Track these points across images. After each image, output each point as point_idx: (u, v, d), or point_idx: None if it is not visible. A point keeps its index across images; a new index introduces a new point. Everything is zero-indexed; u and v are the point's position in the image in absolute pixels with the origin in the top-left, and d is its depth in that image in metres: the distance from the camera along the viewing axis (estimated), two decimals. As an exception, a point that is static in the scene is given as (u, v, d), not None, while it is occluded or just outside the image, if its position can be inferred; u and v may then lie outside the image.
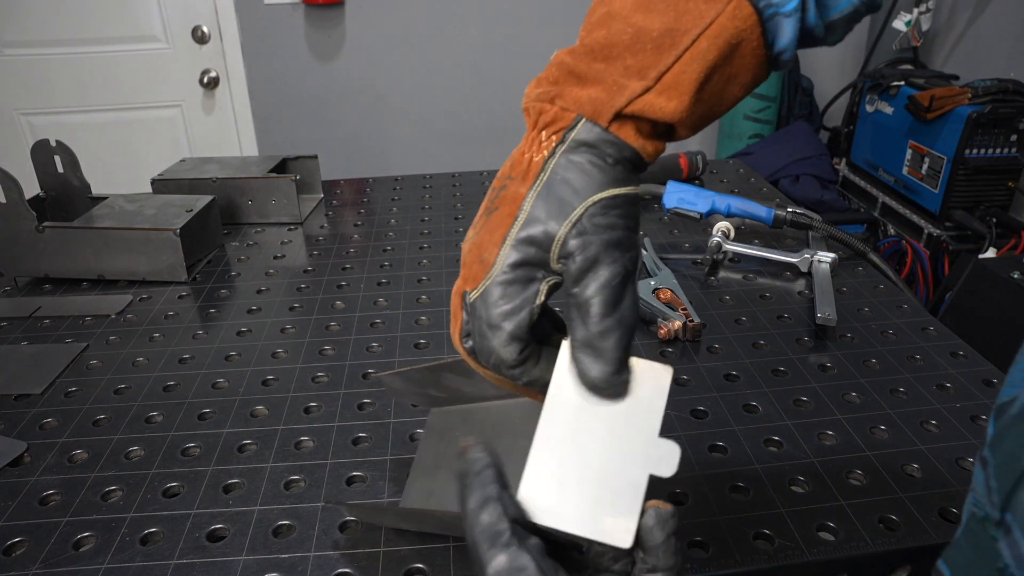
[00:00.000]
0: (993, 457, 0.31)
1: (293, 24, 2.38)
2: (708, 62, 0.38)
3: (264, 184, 1.14)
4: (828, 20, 0.41)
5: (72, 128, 2.32)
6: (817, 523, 0.56)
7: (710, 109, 0.41)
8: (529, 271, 0.39)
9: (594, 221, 0.38)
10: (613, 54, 0.39)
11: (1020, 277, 1.58)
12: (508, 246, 0.39)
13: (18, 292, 0.95)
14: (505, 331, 0.39)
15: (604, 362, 0.37)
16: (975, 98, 2.10)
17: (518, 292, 0.39)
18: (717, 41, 0.38)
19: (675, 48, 0.38)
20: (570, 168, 0.39)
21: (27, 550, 0.55)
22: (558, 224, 0.38)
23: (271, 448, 0.65)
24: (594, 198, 0.38)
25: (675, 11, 0.39)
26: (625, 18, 0.40)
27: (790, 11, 0.39)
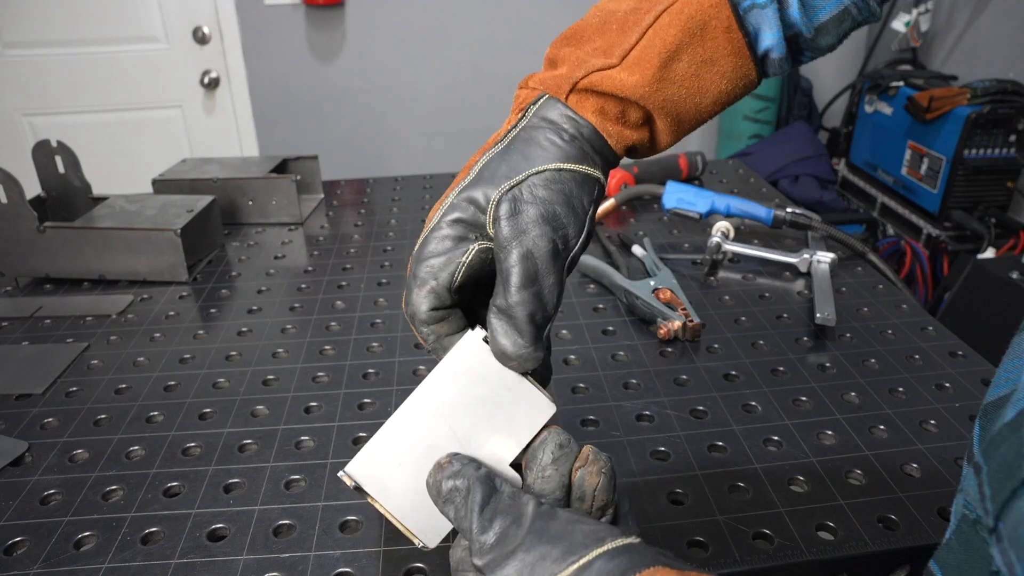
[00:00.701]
0: (986, 463, 0.31)
1: (293, 25, 2.38)
2: (671, 37, 0.38)
3: (265, 184, 1.14)
4: (817, 22, 0.41)
5: (73, 129, 2.33)
6: (816, 523, 0.56)
7: (686, 96, 0.40)
8: (464, 229, 0.39)
9: (533, 191, 0.38)
10: (583, 37, 0.40)
11: (1019, 277, 1.58)
12: (448, 202, 0.39)
13: (19, 292, 0.96)
14: (426, 283, 0.38)
15: (516, 333, 0.37)
16: (974, 99, 2.11)
17: (447, 248, 0.38)
18: (680, 17, 0.38)
19: (638, 25, 0.39)
20: (526, 140, 0.39)
21: (28, 550, 0.55)
22: (498, 186, 0.38)
23: (272, 448, 0.65)
24: (538, 167, 0.38)
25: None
26: (599, 6, 0.41)
27: (765, 1, 0.39)
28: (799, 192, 2.48)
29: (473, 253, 0.38)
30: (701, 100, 0.41)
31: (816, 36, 0.42)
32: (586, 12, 0.43)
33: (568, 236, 0.38)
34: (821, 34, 0.42)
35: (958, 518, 0.34)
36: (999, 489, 0.29)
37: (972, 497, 0.33)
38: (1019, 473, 0.28)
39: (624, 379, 0.74)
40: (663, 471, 0.61)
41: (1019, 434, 0.29)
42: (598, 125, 0.39)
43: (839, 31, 0.42)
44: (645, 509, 0.57)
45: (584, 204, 0.39)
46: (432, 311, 0.39)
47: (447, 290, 0.38)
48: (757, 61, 0.41)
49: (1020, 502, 0.27)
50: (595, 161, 0.39)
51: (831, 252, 0.94)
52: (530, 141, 0.39)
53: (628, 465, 0.62)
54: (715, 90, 0.41)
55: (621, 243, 1.03)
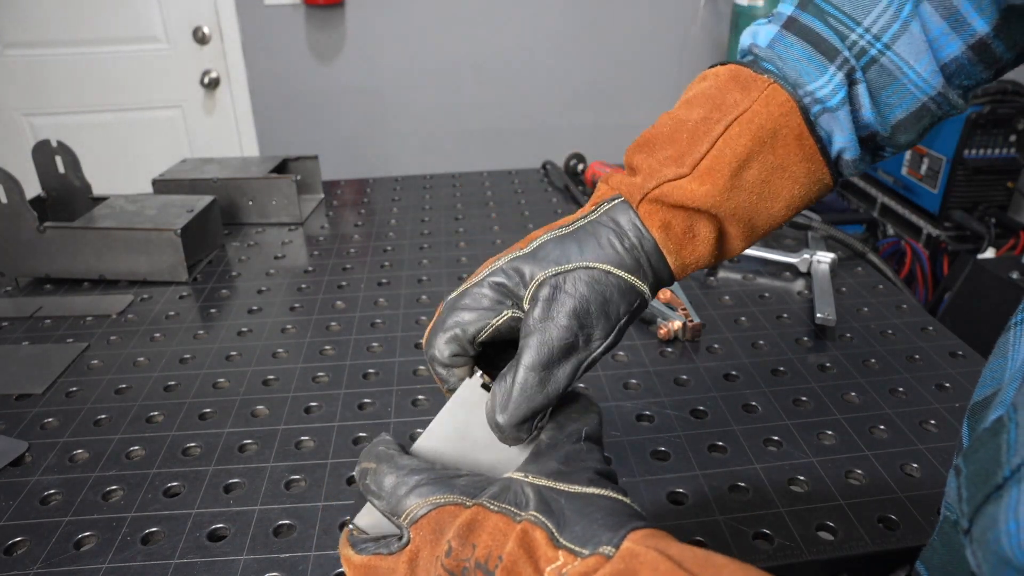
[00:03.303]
0: (966, 467, 0.32)
1: (294, 25, 2.38)
2: (741, 147, 0.38)
3: (265, 184, 1.14)
4: (893, 120, 0.41)
5: (73, 129, 2.32)
6: (817, 523, 0.56)
7: (756, 202, 0.40)
8: (502, 294, 0.40)
9: (575, 284, 0.39)
10: (655, 144, 0.40)
11: (1019, 277, 1.58)
12: (498, 265, 0.40)
13: (19, 292, 0.96)
14: (451, 331, 0.40)
15: (509, 409, 0.37)
16: (974, 98, 2.11)
17: (482, 306, 0.40)
18: (750, 127, 0.38)
19: (709, 135, 0.39)
20: (588, 234, 0.40)
21: (28, 550, 0.55)
22: (545, 269, 0.39)
23: (272, 448, 0.65)
24: (588, 263, 0.39)
25: (712, 103, 0.40)
26: (671, 114, 0.41)
27: (836, 105, 0.39)
28: (799, 192, 2.47)
29: (505, 319, 0.40)
30: (772, 205, 0.41)
31: (894, 134, 0.41)
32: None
33: (592, 337, 0.39)
34: (899, 131, 0.41)
35: (941, 519, 0.35)
36: (975, 493, 0.29)
37: (952, 499, 0.33)
38: (994, 479, 0.28)
39: (624, 379, 0.74)
40: (663, 471, 0.61)
41: (996, 440, 0.29)
42: (660, 241, 0.40)
43: (918, 127, 0.41)
44: (646, 509, 0.57)
45: (619, 312, 0.39)
46: (453, 356, 0.40)
47: (470, 343, 0.40)
48: (831, 164, 0.41)
49: (991, 507, 0.27)
50: (646, 275, 0.40)
51: (831, 252, 0.94)
52: (591, 236, 0.40)
53: (628, 465, 0.62)
54: (787, 195, 0.41)
55: (621, 243, 1.03)
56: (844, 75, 0.39)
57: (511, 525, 0.32)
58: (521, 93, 2.55)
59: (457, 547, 0.32)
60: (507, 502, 0.33)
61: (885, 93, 0.40)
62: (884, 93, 0.40)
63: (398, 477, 0.35)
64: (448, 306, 0.41)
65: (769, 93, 0.39)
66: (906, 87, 0.40)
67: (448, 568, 0.32)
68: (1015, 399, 0.30)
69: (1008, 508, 0.26)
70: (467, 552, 0.32)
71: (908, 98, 0.40)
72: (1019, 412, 0.29)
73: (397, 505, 0.35)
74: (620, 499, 0.33)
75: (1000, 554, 0.26)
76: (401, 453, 0.38)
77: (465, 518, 0.33)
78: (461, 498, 0.34)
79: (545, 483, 0.34)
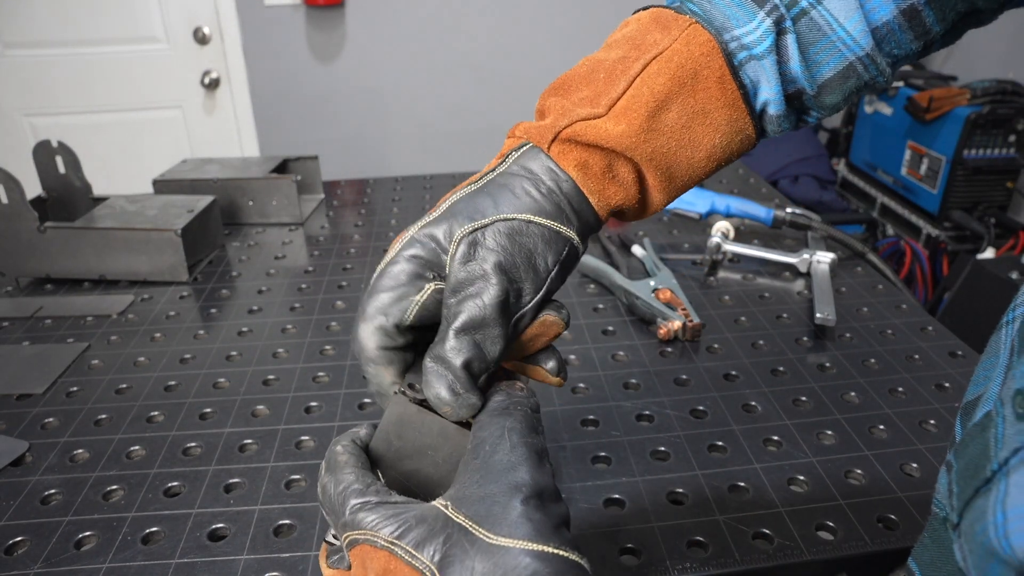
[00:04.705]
0: (956, 462, 0.32)
1: (294, 25, 2.38)
2: (659, 86, 0.37)
3: (265, 185, 1.14)
4: (820, 79, 0.39)
5: (74, 129, 2.32)
6: (816, 522, 0.56)
7: (676, 148, 0.38)
8: (421, 266, 0.37)
9: (496, 238, 0.36)
10: (570, 87, 0.39)
11: (1018, 277, 1.58)
12: (410, 235, 0.37)
13: (20, 292, 0.96)
14: (374, 319, 0.37)
15: (451, 379, 0.35)
16: (974, 99, 2.11)
17: (401, 283, 0.37)
18: (668, 65, 0.37)
19: (626, 74, 0.37)
20: (501, 186, 0.37)
21: (29, 549, 0.55)
22: (461, 228, 0.36)
23: (272, 448, 0.65)
24: (507, 215, 0.37)
25: (631, 43, 0.38)
26: (589, 57, 0.40)
27: (762, 52, 0.38)
28: (799, 192, 2.48)
29: (428, 293, 0.37)
30: (693, 154, 0.39)
31: (820, 93, 0.40)
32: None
33: (522, 292, 0.37)
34: (825, 91, 0.40)
35: (931, 516, 0.35)
36: (964, 487, 0.30)
37: (942, 495, 0.33)
38: (983, 473, 0.28)
39: (624, 379, 0.74)
40: (663, 471, 0.61)
41: (985, 435, 0.29)
42: (579, 180, 0.38)
43: (844, 89, 0.40)
44: (645, 509, 0.57)
45: (547, 263, 0.37)
46: (380, 350, 0.37)
47: (396, 328, 0.37)
48: (755, 116, 0.39)
49: (980, 500, 0.28)
50: (571, 220, 0.38)
51: (831, 252, 0.94)
52: (504, 187, 0.37)
53: (628, 465, 0.62)
54: (708, 143, 0.39)
55: (621, 243, 1.03)
56: (773, 22, 0.37)
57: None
58: (521, 93, 2.55)
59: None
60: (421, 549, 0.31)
61: (813, 49, 0.39)
62: (812, 49, 0.39)
63: (339, 497, 0.34)
64: (367, 293, 0.37)
65: (690, 33, 0.37)
66: (835, 44, 0.38)
67: None
68: (1001, 394, 0.30)
69: (996, 501, 0.26)
70: None
71: (836, 56, 0.39)
72: (1006, 407, 0.29)
73: (337, 525, 0.34)
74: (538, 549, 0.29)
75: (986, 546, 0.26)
76: (349, 463, 0.35)
77: (381, 566, 0.32)
78: (382, 536, 0.32)
79: (462, 522, 0.31)
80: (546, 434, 0.65)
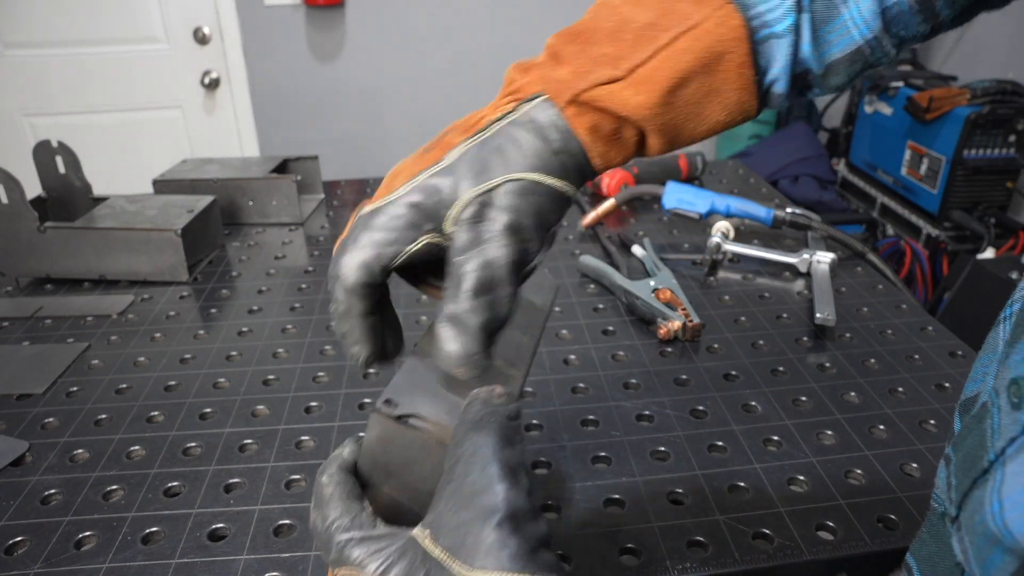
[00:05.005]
0: (954, 455, 0.32)
1: (294, 25, 2.38)
2: (685, 63, 0.36)
3: (265, 184, 1.14)
4: (828, 59, 0.39)
5: (74, 129, 2.33)
6: (816, 522, 0.56)
7: (684, 121, 0.39)
8: (420, 216, 0.36)
9: (507, 199, 0.36)
10: (592, 38, 0.38)
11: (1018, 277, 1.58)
12: (415, 183, 0.37)
13: (20, 292, 0.96)
14: (363, 252, 0.36)
15: (466, 339, 0.35)
16: (974, 99, 2.11)
17: (398, 227, 0.36)
18: (697, 44, 0.36)
19: (654, 42, 0.37)
20: (510, 138, 0.37)
21: (29, 549, 0.55)
22: (469, 185, 0.36)
23: (272, 448, 0.65)
24: (516, 175, 0.36)
25: (662, 8, 0.37)
26: (614, 7, 0.38)
27: (782, 31, 0.37)
28: (799, 192, 2.48)
29: (422, 244, 0.37)
30: (697, 126, 0.39)
31: (826, 74, 0.40)
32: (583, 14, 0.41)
33: (529, 251, 0.37)
34: (831, 72, 0.40)
35: (929, 511, 0.35)
36: (962, 479, 0.30)
37: (941, 489, 0.33)
38: (980, 464, 0.28)
39: (624, 379, 0.74)
40: (663, 471, 0.61)
41: (982, 426, 0.30)
42: (588, 144, 0.37)
43: (850, 71, 0.40)
44: (645, 509, 0.57)
45: (551, 221, 0.37)
46: (361, 285, 0.37)
47: (382, 270, 0.37)
48: (760, 95, 0.39)
49: (979, 491, 0.28)
50: (572, 178, 0.38)
51: (831, 252, 0.94)
52: (513, 141, 0.37)
53: (628, 465, 0.62)
54: (713, 120, 0.39)
55: (621, 243, 1.03)
56: (794, 2, 0.37)
57: None
58: (521, 93, 2.55)
59: None
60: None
61: (824, 29, 0.38)
62: (824, 28, 0.38)
63: (326, 535, 0.34)
64: (361, 223, 0.37)
65: (725, 13, 0.36)
66: (846, 25, 0.38)
67: None
68: (995, 384, 0.30)
69: (992, 490, 0.26)
70: None
71: (846, 37, 0.38)
72: (1001, 397, 0.29)
73: (328, 561, 0.34)
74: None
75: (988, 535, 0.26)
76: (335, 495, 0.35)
77: None
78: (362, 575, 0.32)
79: (439, 555, 0.30)
80: (546, 434, 0.65)
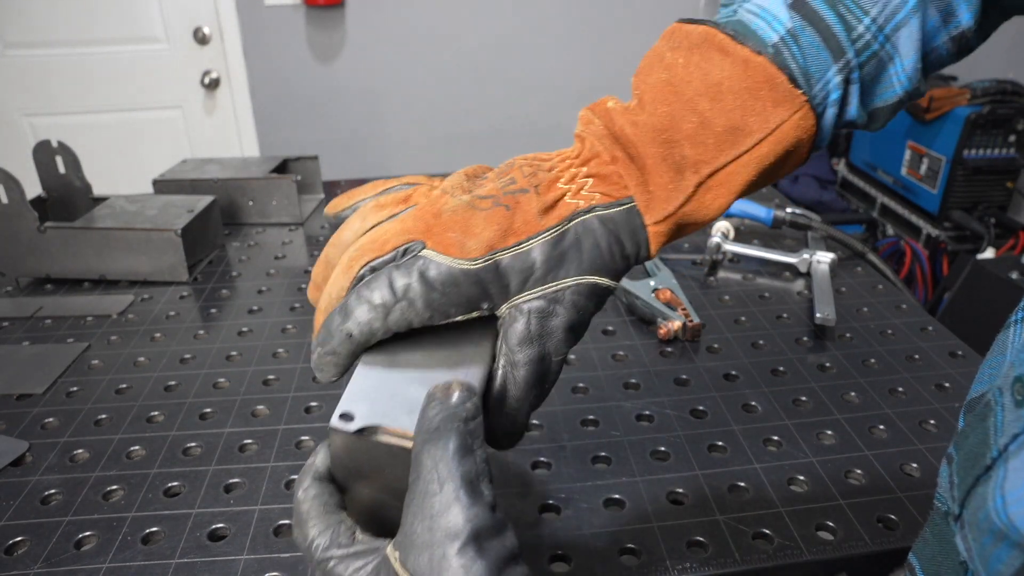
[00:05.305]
0: (957, 453, 0.32)
1: (294, 25, 2.38)
2: (764, 166, 0.37)
3: (265, 184, 1.14)
4: (871, 108, 0.39)
5: (74, 129, 2.32)
6: (816, 522, 0.56)
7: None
8: (483, 292, 0.36)
9: (573, 299, 0.36)
10: (674, 139, 0.37)
11: (1018, 277, 1.58)
12: (491, 260, 0.36)
13: (20, 292, 0.96)
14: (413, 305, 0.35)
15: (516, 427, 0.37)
16: (974, 99, 2.11)
17: (460, 297, 0.36)
18: (777, 147, 0.37)
19: (736, 147, 0.36)
20: (591, 237, 0.37)
21: (29, 549, 0.55)
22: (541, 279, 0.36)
23: (272, 448, 0.65)
24: (589, 279, 0.37)
25: (742, 108, 0.36)
26: (690, 101, 0.37)
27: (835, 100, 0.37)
28: (799, 192, 2.48)
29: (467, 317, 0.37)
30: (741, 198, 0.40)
31: (868, 122, 0.40)
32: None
33: (576, 341, 0.38)
34: (873, 119, 0.40)
35: (932, 511, 0.35)
36: (965, 477, 0.30)
37: (943, 488, 0.33)
38: (983, 461, 0.28)
39: (624, 379, 0.74)
40: (663, 471, 0.61)
41: (984, 424, 0.30)
42: (653, 252, 0.39)
43: (889, 115, 0.40)
44: (645, 509, 0.57)
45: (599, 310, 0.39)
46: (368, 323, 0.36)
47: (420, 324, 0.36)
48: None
49: (982, 488, 0.28)
50: (622, 276, 0.39)
51: (831, 252, 0.95)
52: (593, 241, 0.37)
53: (628, 465, 0.62)
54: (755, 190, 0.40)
55: (621, 243, 1.03)
56: (842, 79, 0.37)
57: None
58: (521, 93, 2.55)
59: None
60: None
61: (873, 86, 0.38)
62: (872, 86, 0.38)
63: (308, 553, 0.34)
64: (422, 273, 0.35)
65: (802, 115, 0.36)
66: (891, 79, 0.38)
67: None
68: (1000, 382, 0.30)
69: (995, 486, 0.26)
70: None
71: (889, 91, 0.38)
72: (1004, 395, 0.29)
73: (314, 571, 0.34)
74: None
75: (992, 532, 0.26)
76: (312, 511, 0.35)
77: None
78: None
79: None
80: (546, 434, 0.65)
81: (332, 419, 0.35)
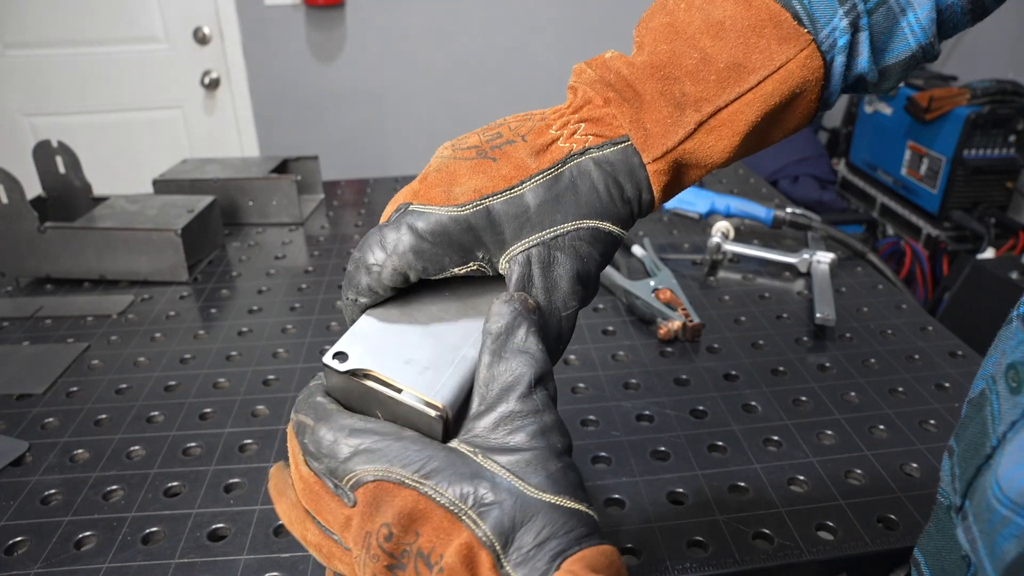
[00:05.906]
0: (957, 445, 0.32)
1: (294, 25, 2.38)
2: (769, 106, 0.36)
3: (265, 185, 1.14)
4: (883, 65, 0.38)
5: (74, 129, 2.32)
6: (816, 522, 0.56)
7: (745, 152, 0.38)
8: (476, 242, 0.35)
9: (574, 244, 0.35)
10: (673, 75, 0.36)
11: (1018, 277, 1.59)
12: (482, 206, 0.35)
13: (20, 292, 0.96)
14: (406, 255, 0.35)
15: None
16: (974, 99, 2.11)
17: (451, 249, 0.35)
18: (782, 87, 0.35)
19: (739, 84, 0.35)
20: (587, 179, 0.36)
21: (29, 549, 0.55)
22: (538, 225, 0.35)
23: (272, 448, 0.65)
24: (589, 223, 0.35)
25: (745, 45, 0.35)
26: (691, 38, 0.36)
27: (843, 46, 0.36)
28: (799, 192, 2.48)
29: (468, 269, 0.35)
30: (750, 152, 0.39)
31: (880, 79, 0.39)
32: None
33: (590, 295, 0.37)
34: (884, 77, 0.39)
35: (935, 505, 0.35)
36: (966, 468, 0.30)
37: (945, 482, 0.33)
38: (983, 451, 0.28)
39: (624, 379, 0.74)
40: (663, 471, 0.61)
41: (982, 414, 0.30)
42: (658, 198, 0.37)
43: (902, 74, 0.39)
44: (645, 509, 0.57)
45: (607, 262, 0.37)
46: (388, 288, 0.36)
47: (414, 278, 0.36)
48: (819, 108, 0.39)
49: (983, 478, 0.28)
50: (628, 224, 0.37)
51: (831, 252, 0.95)
52: (589, 183, 0.35)
53: (628, 465, 0.62)
54: (769, 142, 0.38)
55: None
56: (849, 23, 0.36)
57: (456, 526, 0.29)
58: (521, 93, 2.55)
59: (399, 533, 0.30)
60: (456, 496, 0.29)
61: (884, 38, 0.37)
62: (883, 38, 0.37)
63: (337, 437, 0.32)
64: (411, 221, 0.35)
65: (808, 54, 0.35)
66: (903, 31, 0.37)
67: (387, 551, 0.30)
68: (994, 372, 0.30)
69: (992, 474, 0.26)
70: (410, 538, 0.30)
71: (902, 44, 0.37)
72: (999, 383, 0.29)
73: (338, 468, 0.32)
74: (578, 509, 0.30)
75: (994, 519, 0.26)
76: (340, 409, 0.34)
77: (407, 505, 0.30)
78: (403, 474, 0.30)
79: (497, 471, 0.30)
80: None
81: (325, 356, 0.34)
